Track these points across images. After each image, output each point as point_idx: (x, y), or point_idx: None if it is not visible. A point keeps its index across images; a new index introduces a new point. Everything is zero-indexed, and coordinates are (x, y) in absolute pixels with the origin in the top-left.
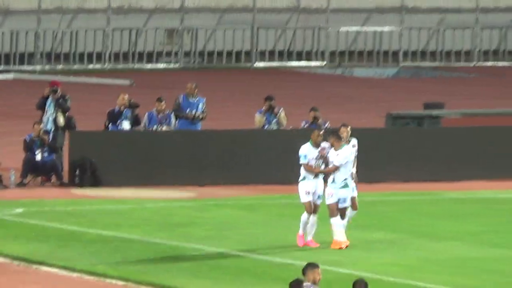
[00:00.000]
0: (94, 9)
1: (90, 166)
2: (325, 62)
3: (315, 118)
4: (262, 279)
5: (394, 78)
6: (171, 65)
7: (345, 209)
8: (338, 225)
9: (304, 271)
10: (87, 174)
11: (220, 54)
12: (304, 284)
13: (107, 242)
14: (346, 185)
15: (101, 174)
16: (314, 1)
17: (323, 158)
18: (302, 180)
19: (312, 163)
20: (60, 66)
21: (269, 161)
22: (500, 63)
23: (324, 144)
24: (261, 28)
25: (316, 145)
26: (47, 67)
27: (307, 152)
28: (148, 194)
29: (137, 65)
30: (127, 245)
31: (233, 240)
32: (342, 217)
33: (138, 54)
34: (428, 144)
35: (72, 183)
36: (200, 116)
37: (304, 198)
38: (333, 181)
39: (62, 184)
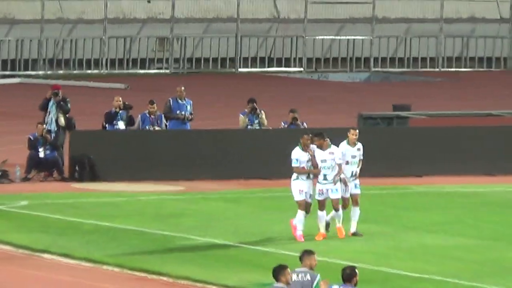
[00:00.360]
0: (92, 19)
1: (88, 162)
2: (302, 68)
3: (294, 119)
4: (247, 266)
5: (366, 82)
6: (162, 71)
7: (337, 199)
8: (322, 218)
9: (301, 257)
10: (86, 170)
11: (207, 60)
12: (301, 268)
13: (103, 231)
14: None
15: (98, 169)
16: (293, 12)
17: (312, 159)
18: (295, 179)
19: (304, 165)
20: (61, 71)
21: (252, 158)
22: (463, 69)
23: (312, 147)
24: (244, 36)
25: (306, 148)
26: (49, 72)
27: (298, 156)
28: (141, 188)
29: (131, 70)
30: (122, 235)
31: (219, 230)
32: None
33: (132, 60)
34: (397, 143)
35: (72, 178)
36: (190, 118)
37: (298, 196)
38: (324, 178)
39: (63, 179)
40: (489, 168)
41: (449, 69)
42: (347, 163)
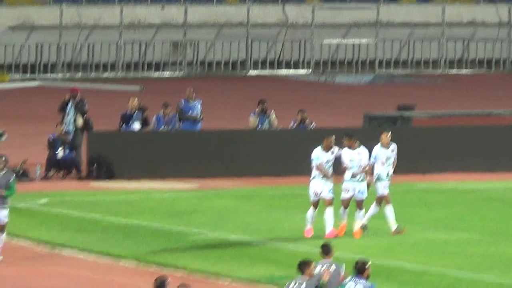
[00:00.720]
0: (108, 25)
1: (105, 161)
2: (310, 70)
3: (302, 119)
4: (256, 261)
5: (371, 84)
6: (176, 74)
7: (362, 200)
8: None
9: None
10: (102, 169)
11: (218, 63)
12: (323, 261)
13: (120, 228)
14: (363, 179)
15: (115, 168)
16: (301, 17)
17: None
18: (313, 178)
19: (324, 165)
20: (79, 75)
21: (262, 157)
22: (464, 71)
23: (334, 149)
24: (254, 40)
25: (327, 149)
26: (67, 75)
27: (319, 155)
28: (155, 185)
29: (146, 74)
30: (137, 231)
31: (230, 226)
32: (360, 207)
33: (147, 64)
34: (401, 142)
35: (89, 177)
36: (200, 117)
37: (312, 197)
38: (352, 177)
39: (81, 178)
40: (490, 165)
41: (451, 71)
42: (382, 164)
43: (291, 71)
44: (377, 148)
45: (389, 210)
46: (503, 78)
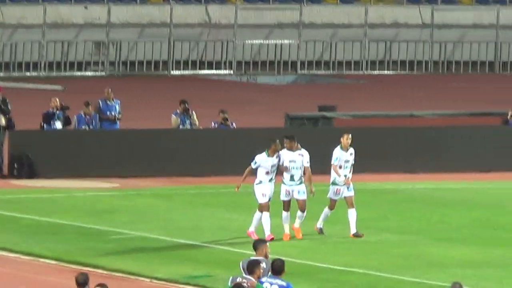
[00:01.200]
0: (31, 24)
1: (27, 160)
2: (232, 71)
3: (224, 119)
4: (176, 260)
5: (293, 84)
6: (98, 73)
7: (303, 201)
8: (286, 219)
9: (255, 246)
10: (24, 168)
11: (141, 63)
12: (259, 258)
13: (41, 226)
14: (302, 181)
15: (36, 167)
16: (223, 17)
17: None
18: (258, 183)
19: (268, 170)
20: (1, 74)
21: (183, 156)
22: (386, 72)
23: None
24: (176, 40)
25: (273, 153)
26: None
27: (261, 160)
28: (77, 184)
29: (68, 73)
30: (59, 229)
31: (151, 225)
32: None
33: (70, 63)
34: (322, 142)
35: (11, 175)
36: (119, 117)
37: (261, 199)
38: (291, 179)
39: (2, 176)
40: (410, 166)
41: (373, 72)
42: (340, 167)
43: (214, 71)
44: (338, 151)
45: (351, 213)
46: (425, 79)
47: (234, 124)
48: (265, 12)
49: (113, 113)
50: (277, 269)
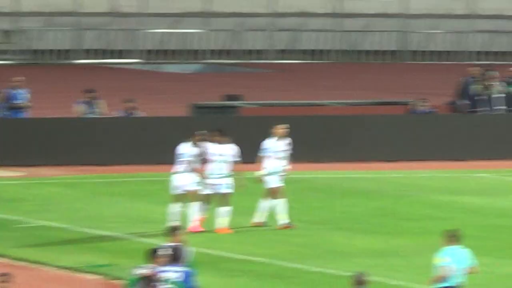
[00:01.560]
0: None
1: None
2: (139, 59)
3: (131, 108)
4: (80, 249)
5: (199, 73)
6: (6, 62)
7: (227, 195)
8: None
9: (172, 233)
10: None
11: (49, 51)
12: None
13: None
14: (228, 175)
15: None
16: (131, 6)
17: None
18: (174, 173)
19: (188, 158)
20: None
21: (89, 145)
22: (293, 61)
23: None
24: (84, 29)
25: (196, 144)
26: None
27: (185, 150)
28: None
29: None
30: None
31: (56, 214)
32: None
33: None
34: (228, 131)
35: None
36: (27, 105)
37: (173, 190)
38: (217, 172)
39: None
40: (315, 155)
41: (280, 61)
42: (274, 157)
43: (120, 60)
44: (270, 141)
45: (281, 203)
46: (332, 68)
47: (139, 112)
48: (173, 1)
49: (20, 102)
50: (176, 256)
